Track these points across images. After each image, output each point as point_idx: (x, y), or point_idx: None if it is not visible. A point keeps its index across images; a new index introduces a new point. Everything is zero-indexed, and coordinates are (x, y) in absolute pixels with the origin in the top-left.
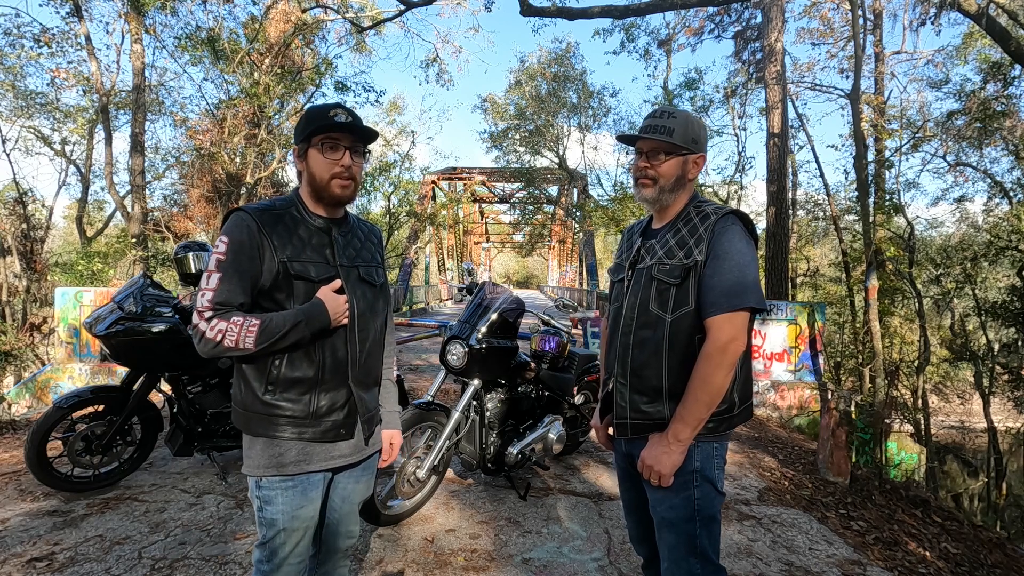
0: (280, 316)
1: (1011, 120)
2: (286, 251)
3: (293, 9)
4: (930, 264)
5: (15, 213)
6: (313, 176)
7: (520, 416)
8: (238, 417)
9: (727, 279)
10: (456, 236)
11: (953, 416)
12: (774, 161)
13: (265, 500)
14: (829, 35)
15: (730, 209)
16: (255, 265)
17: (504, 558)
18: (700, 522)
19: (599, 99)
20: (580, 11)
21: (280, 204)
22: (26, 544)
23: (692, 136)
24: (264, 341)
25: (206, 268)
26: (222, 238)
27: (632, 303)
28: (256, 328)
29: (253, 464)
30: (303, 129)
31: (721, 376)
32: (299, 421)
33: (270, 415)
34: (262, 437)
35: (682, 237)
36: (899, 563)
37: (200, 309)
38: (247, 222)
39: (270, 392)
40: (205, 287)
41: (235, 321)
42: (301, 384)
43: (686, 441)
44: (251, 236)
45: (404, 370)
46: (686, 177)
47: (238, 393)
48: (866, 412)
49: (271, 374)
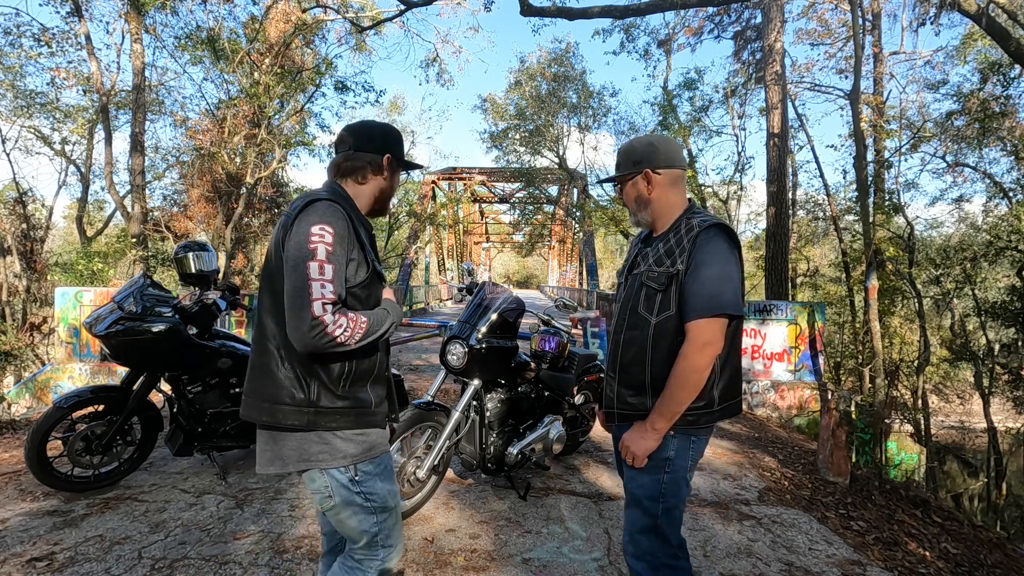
0: (377, 314)
1: (1010, 120)
2: (372, 251)
3: (293, 9)
4: (930, 264)
5: (15, 213)
6: (390, 191)
7: (520, 416)
8: (299, 416)
9: (705, 288)
10: (456, 236)
11: (953, 416)
12: (774, 161)
13: (368, 490)
14: (827, 36)
15: (713, 222)
16: (346, 260)
17: (504, 558)
18: (663, 505)
19: (599, 99)
20: (580, 11)
21: (347, 202)
22: (26, 544)
23: (633, 159)
24: (366, 338)
25: (312, 257)
26: (325, 227)
27: (624, 305)
28: (366, 325)
29: (338, 456)
30: (403, 149)
31: (696, 376)
32: (371, 411)
33: (350, 408)
34: (340, 431)
35: (670, 247)
36: (899, 563)
37: (325, 301)
38: (343, 213)
39: (346, 387)
40: (321, 277)
41: (351, 316)
42: (365, 377)
43: (661, 430)
44: (348, 230)
45: (404, 370)
46: (645, 195)
47: (301, 392)
48: (866, 412)
49: (347, 368)
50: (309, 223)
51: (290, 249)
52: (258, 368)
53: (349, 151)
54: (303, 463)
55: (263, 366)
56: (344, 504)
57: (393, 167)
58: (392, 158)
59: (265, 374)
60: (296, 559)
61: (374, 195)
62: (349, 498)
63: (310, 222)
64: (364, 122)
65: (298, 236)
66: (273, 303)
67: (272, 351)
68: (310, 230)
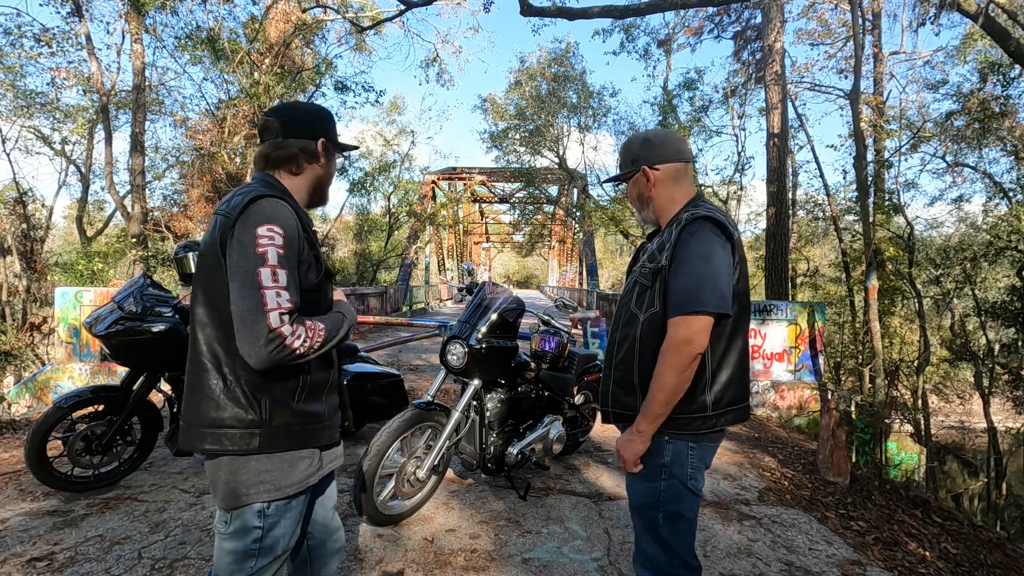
0: (333, 319)
1: (1010, 120)
2: (319, 249)
3: (293, 9)
4: (930, 264)
5: (15, 213)
6: (328, 178)
7: (520, 416)
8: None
9: (685, 283)
10: (456, 236)
11: (953, 416)
12: (774, 161)
13: (270, 527)
14: (827, 36)
15: (700, 214)
16: (298, 262)
17: (504, 558)
18: (664, 514)
19: (599, 99)
20: (580, 11)
21: (289, 196)
22: (26, 544)
23: (630, 157)
24: (324, 346)
25: (263, 263)
26: (273, 228)
27: (622, 302)
28: (324, 332)
29: (275, 487)
30: (337, 131)
31: (673, 375)
32: (326, 424)
33: (304, 425)
34: (287, 452)
35: (662, 242)
36: (899, 563)
37: (282, 310)
38: (290, 211)
39: (301, 400)
40: (275, 284)
41: (308, 325)
42: (321, 386)
43: (646, 432)
44: (297, 229)
45: (404, 370)
46: (644, 193)
47: (251, 412)
48: (866, 412)
49: (303, 380)
50: (254, 224)
51: (235, 255)
52: (196, 389)
53: (277, 139)
54: (254, 496)
55: (201, 386)
56: (234, 536)
57: (329, 152)
58: (327, 142)
59: (205, 395)
60: None
61: (311, 185)
62: (242, 532)
63: (255, 223)
64: (290, 105)
65: (244, 240)
66: (210, 314)
67: (211, 368)
68: (256, 232)
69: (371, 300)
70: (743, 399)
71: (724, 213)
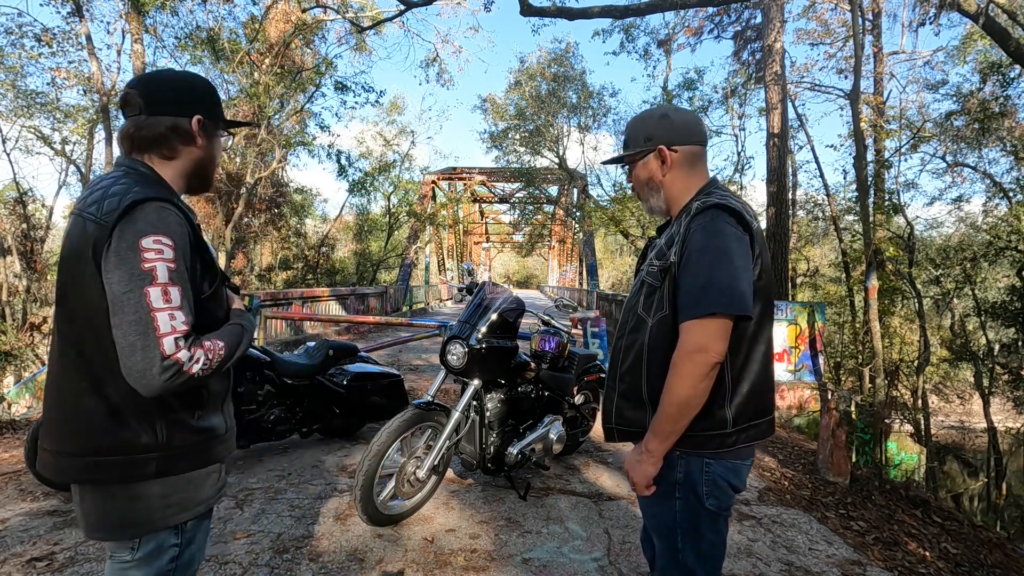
0: (232, 332)
1: (1010, 120)
2: (211, 252)
3: (293, 9)
4: (930, 264)
5: (15, 213)
6: (210, 160)
7: (520, 416)
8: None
9: (696, 281)
10: (456, 236)
11: (953, 416)
12: (774, 161)
13: (188, 542)
14: (827, 36)
15: (713, 202)
16: (190, 273)
17: (504, 558)
18: (682, 535)
19: (599, 99)
20: (580, 11)
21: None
22: (26, 544)
23: (644, 135)
24: (224, 365)
25: (152, 281)
26: (161, 239)
27: (628, 305)
28: (224, 349)
29: (182, 508)
30: (219, 106)
31: (686, 387)
32: (225, 438)
33: (205, 441)
34: (193, 472)
35: (671, 236)
36: (899, 563)
37: (177, 335)
38: (177, 215)
39: (201, 416)
40: (168, 306)
41: (207, 346)
42: (219, 399)
43: (656, 452)
44: (187, 236)
45: (404, 370)
46: (656, 177)
47: (146, 435)
48: (866, 412)
49: (203, 396)
50: (137, 235)
51: (116, 272)
52: (69, 410)
53: (139, 115)
54: (150, 524)
55: (77, 410)
56: (145, 563)
57: (208, 130)
58: (204, 120)
59: (80, 419)
60: (296, 559)
61: (188, 170)
62: (156, 556)
63: (138, 233)
64: (157, 73)
65: (126, 254)
66: (86, 331)
67: (89, 391)
68: (140, 244)
69: (371, 300)
70: (767, 412)
71: (740, 200)
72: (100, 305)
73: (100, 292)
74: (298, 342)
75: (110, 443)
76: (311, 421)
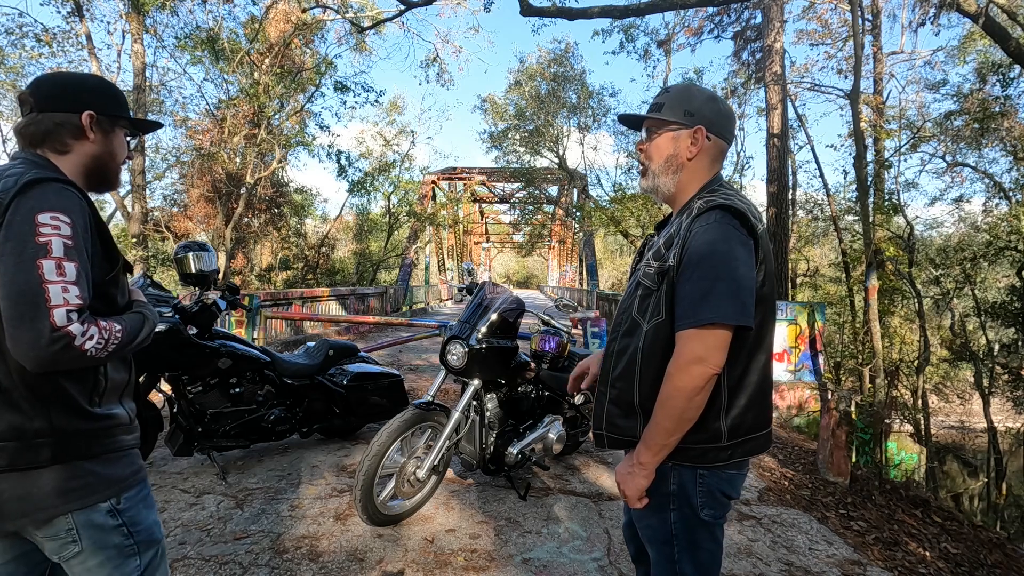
0: (132, 319)
1: (1009, 120)
2: (112, 240)
3: (293, 9)
4: (930, 264)
5: None
6: (108, 156)
7: (520, 416)
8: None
9: (696, 288)
10: (456, 236)
11: (953, 416)
12: (774, 161)
13: (132, 520)
14: (827, 36)
15: (717, 202)
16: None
17: (504, 558)
18: (679, 547)
19: (598, 99)
20: (580, 11)
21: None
22: None
23: (686, 108)
24: (120, 350)
25: (46, 254)
26: (59, 216)
27: (622, 306)
28: (121, 333)
29: (102, 486)
30: (118, 104)
31: (681, 400)
32: (130, 428)
33: (105, 428)
34: (98, 457)
35: (671, 235)
36: (899, 563)
37: (70, 308)
38: (77, 198)
39: (98, 404)
40: (62, 279)
41: (103, 325)
42: (118, 389)
43: (648, 465)
44: (85, 218)
45: (404, 370)
46: (680, 157)
47: (34, 420)
48: (866, 412)
49: (99, 383)
50: (33, 211)
51: (8, 245)
52: None
53: (31, 113)
54: (60, 507)
55: None
56: (96, 548)
57: (104, 126)
58: (97, 115)
59: None
60: (296, 559)
61: (85, 165)
62: (103, 539)
63: (34, 209)
64: (51, 74)
65: (19, 228)
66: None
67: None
68: (36, 219)
69: (371, 300)
70: (764, 425)
71: (746, 200)
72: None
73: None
74: (298, 342)
75: (2, 429)
76: (311, 421)
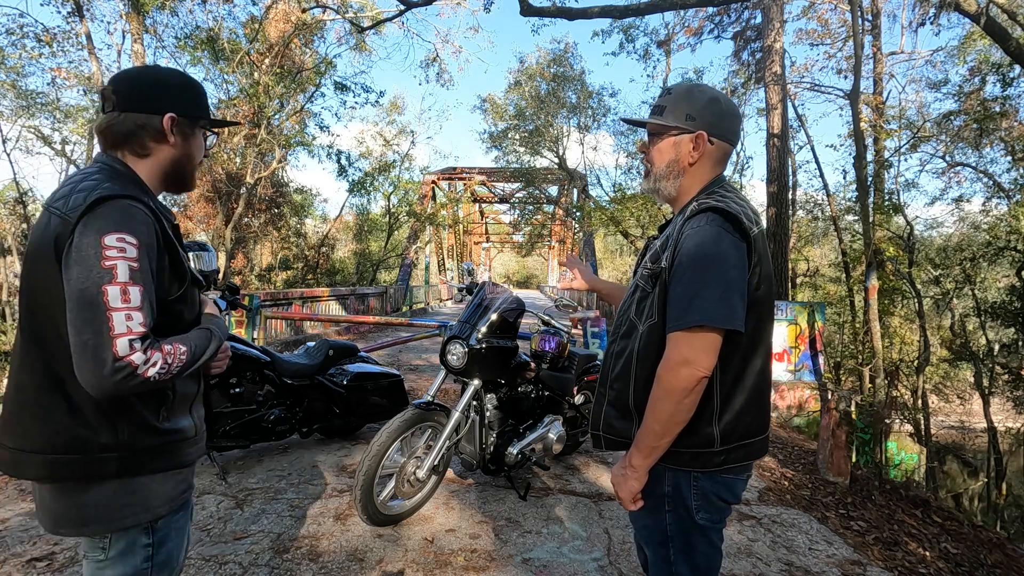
0: (198, 337)
1: (1009, 120)
2: (183, 253)
3: (293, 9)
4: (930, 264)
5: (15, 213)
6: (187, 159)
7: (520, 416)
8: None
9: (685, 290)
10: (456, 236)
11: (953, 416)
12: (774, 161)
13: (160, 542)
14: (827, 36)
15: (708, 205)
16: (155, 273)
17: (504, 558)
18: (675, 548)
19: (598, 99)
20: (580, 11)
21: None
22: (26, 544)
23: (688, 112)
24: (186, 369)
25: (111, 279)
26: (125, 237)
27: (622, 308)
28: (186, 354)
29: (144, 508)
30: (198, 105)
31: (670, 403)
32: (195, 440)
33: (172, 443)
34: (158, 473)
35: (666, 238)
36: (899, 563)
37: (132, 336)
38: (144, 214)
39: (167, 418)
40: (126, 306)
41: (167, 350)
42: (187, 401)
43: (640, 468)
44: (154, 235)
45: (404, 370)
46: (682, 162)
47: (105, 435)
48: (866, 412)
49: (167, 397)
50: (99, 232)
51: (75, 268)
52: (28, 406)
53: (113, 112)
54: (111, 522)
55: (35, 405)
56: (118, 561)
57: (184, 128)
58: (178, 117)
59: (39, 416)
60: (296, 559)
61: (164, 169)
62: (129, 556)
63: (101, 230)
64: (135, 70)
65: (86, 251)
66: (47, 328)
67: (49, 388)
68: (103, 242)
69: (371, 300)
70: (760, 431)
71: (742, 202)
72: (60, 301)
73: (60, 288)
74: (298, 342)
75: (69, 441)
76: (311, 421)
